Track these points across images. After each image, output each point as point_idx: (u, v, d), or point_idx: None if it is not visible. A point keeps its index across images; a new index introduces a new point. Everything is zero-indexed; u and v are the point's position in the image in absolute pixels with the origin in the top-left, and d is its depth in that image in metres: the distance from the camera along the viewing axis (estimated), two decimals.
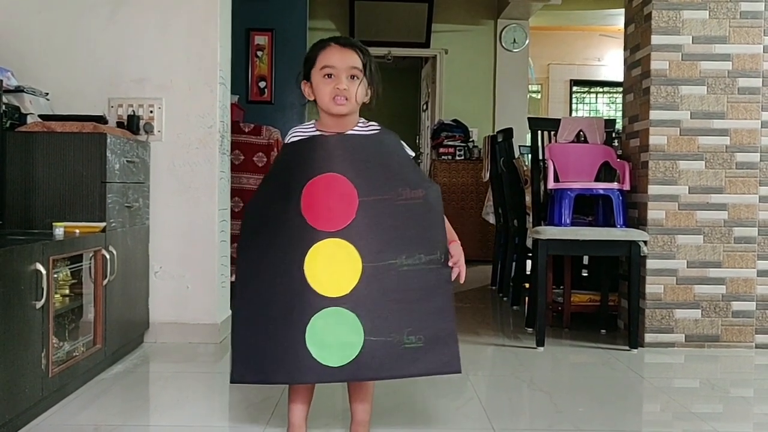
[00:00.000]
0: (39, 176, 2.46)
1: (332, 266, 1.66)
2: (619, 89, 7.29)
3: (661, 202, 3.08)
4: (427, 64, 7.61)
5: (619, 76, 3.71)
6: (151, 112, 2.99)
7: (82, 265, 2.40)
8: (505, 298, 4.30)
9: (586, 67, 9.02)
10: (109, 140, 2.50)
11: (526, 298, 3.90)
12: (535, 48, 7.41)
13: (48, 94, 2.87)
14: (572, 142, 3.40)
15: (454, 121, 6.74)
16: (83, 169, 2.47)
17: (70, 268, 2.31)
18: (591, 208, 3.38)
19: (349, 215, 1.68)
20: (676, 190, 3.07)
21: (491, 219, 4.99)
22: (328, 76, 1.72)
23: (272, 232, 1.71)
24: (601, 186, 3.20)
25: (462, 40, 7.01)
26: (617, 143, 3.82)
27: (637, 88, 3.26)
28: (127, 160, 2.68)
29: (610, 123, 3.57)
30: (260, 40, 5.22)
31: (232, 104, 3.40)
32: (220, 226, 3.07)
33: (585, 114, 9.14)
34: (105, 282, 2.45)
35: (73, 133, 2.49)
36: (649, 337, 3.08)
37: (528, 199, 3.82)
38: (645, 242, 3.04)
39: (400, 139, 1.81)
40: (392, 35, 6.95)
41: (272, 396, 2.23)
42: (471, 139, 6.65)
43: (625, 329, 3.22)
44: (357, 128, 1.79)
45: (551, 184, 3.21)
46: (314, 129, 1.79)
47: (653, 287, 3.08)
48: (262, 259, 1.71)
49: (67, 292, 2.30)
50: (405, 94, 9.09)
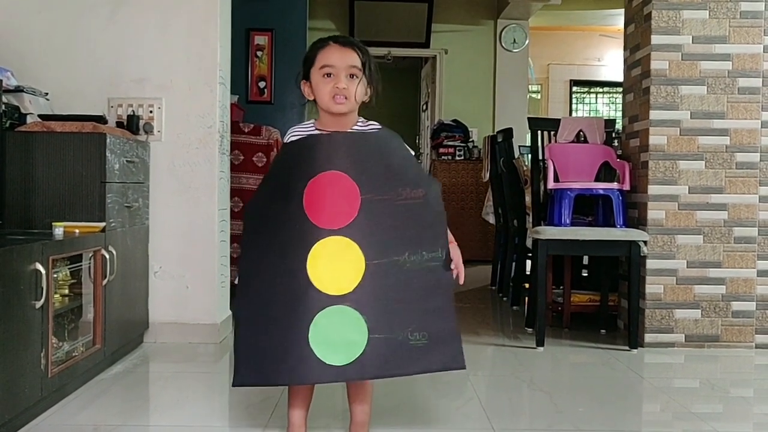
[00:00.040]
0: (39, 176, 2.46)
1: (335, 264, 1.65)
2: (619, 89, 7.30)
3: (661, 202, 3.08)
4: (427, 64, 7.61)
5: (619, 76, 3.71)
6: (151, 112, 2.99)
7: (81, 265, 2.39)
8: (504, 298, 4.30)
9: (586, 67, 9.02)
10: (108, 140, 2.50)
11: (526, 298, 3.90)
12: (535, 48, 7.41)
13: (48, 94, 2.87)
14: (572, 142, 3.40)
15: (454, 121, 6.74)
16: (83, 169, 2.47)
17: (69, 268, 2.31)
18: (591, 208, 3.38)
19: (351, 213, 1.68)
20: (676, 190, 3.07)
21: (491, 219, 4.99)
22: (328, 75, 1.72)
23: (273, 232, 1.70)
24: (601, 186, 3.20)
25: (462, 40, 7.01)
26: (617, 143, 3.82)
27: (637, 88, 3.26)
28: (127, 160, 2.68)
29: (610, 123, 3.56)
30: (260, 40, 5.22)
31: (231, 104, 3.40)
32: (219, 226, 3.07)
33: (585, 114, 9.14)
34: (104, 282, 2.45)
35: (73, 133, 2.49)
36: (648, 337, 3.08)
37: (528, 199, 3.82)
38: (645, 242, 3.04)
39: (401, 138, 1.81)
40: (392, 35, 6.95)
41: (272, 396, 2.23)
42: (471, 139, 6.65)
43: (625, 329, 3.22)
44: (356, 127, 1.79)
45: (551, 184, 3.21)
46: (313, 128, 1.79)
47: (653, 287, 3.08)
48: (262, 259, 1.70)
49: (67, 292, 2.30)
50: (405, 94, 9.09)
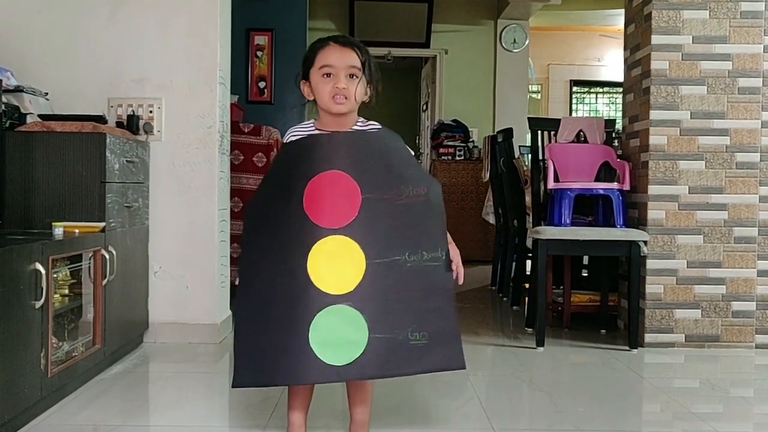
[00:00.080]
0: (38, 176, 2.46)
1: (336, 263, 1.65)
2: (619, 89, 7.30)
3: (661, 202, 3.07)
4: (427, 64, 7.61)
5: (619, 77, 3.71)
6: (151, 112, 2.99)
7: (81, 265, 2.39)
8: (505, 299, 4.30)
9: (586, 68, 9.02)
10: (108, 140, 2.50)
11: (526, 298, 3.90)
12: (535, 48, 7.41)
13: (47, 94, 2.87)
14: (572, 142, 3.40)
15: (454, 121, 6.74)
16: (83, 169, 2.47)
17: (69, 268, 2.31)
18: (591, 208, 3.38)
19: (352, 212, 1.67)
20: (676, 190, 3.07)
21: (491, 219, 4.99)
22: (327, 75, 1.72)
23: (274, 231, 1.70)
24: (601, 186, 3.20)
25: (462, 40, 7.01)
26: (617, 143, 3.82)
27: (637, 88, 3.26)
28: (127, 160, 2.68)
29: (610, 123, 3.56)
30: (260, 40, 5.22)
31: (231, 104, 3.40)
32: (219, 226, 3.07)
33: (585, 114, 9.14)
34: (104, 282, 2.45)
35: (73, 133, 2.49)
36: (649, 337, 3.08)
37: (528, 199, 3.82)
38: (645, 242, 3.04)
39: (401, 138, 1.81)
40: (392, 35, 6.95)
41: (272, 396, 2.23)
42: (471, 139, 6.65)
43: (625, 329, 3.21)
44: (356, 127, 1.79)
45: (551, 184, 3.20)
46: (313, 128, 1.79)
47: (653, 287, 3.08)
48: (263, 259, 1.70)
49: (67, 292, 2.30)
50: (405, 94, 9.09)
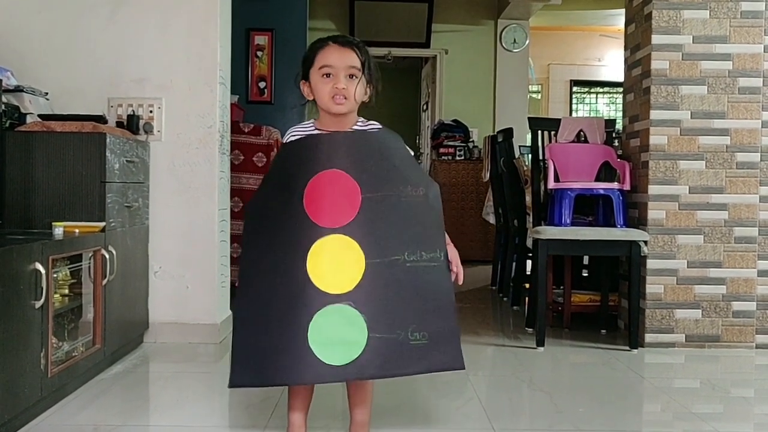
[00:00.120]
0: (38, 176, 2.46)
1: (335, 263, 1.64)
2: (619, 89, 7.29)
3: (661, 202, 3.07)
4: (427, 64, 7.61)
5: (620, 77, 3.71)
6: (151, 111, 2.99)
7: (81, 265, 2.39)
8: (505, 299, 4.30)
9: (586, 68, 9.02)
10: (108, 140, 2.50)
11: (526, 298, 3.90)
12: (535, 48, 7.41)
13: (47, 94, 2.87)
14: (572, 142, 3.40)
15: (454, 121, 6.74)
16: (83, 169, 2.47)
17: (69, 268, 2.31)
18: (591, 208, 3.38)
19: (352, 212, 1.67)
20: (676, 190, 3.07)
21: (491, 219, 4.99)
22: (327, 75, 1.72)
23: (273, 231, 1.70)
24: (602, 186, 3.19)
25: (462, 40, 7.01)
26: (617, 143, 3.82)
27: (637, 88, 3.26)
28: (127, 160, 2.68)
29: (611, 123, 3.56)
30: (260, 40, 5.22)
31: (231, 104, 3.40)
32: (219, 226, 3.07)
33: (585, 114, 9.14)
34: (104, 282, 2.45)
35: (73, 133, 2.49)
36: (649, 337, 3.08)
37: (528, 199, 3.82)
38: (645, 242, 3.04)
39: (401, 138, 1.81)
40: (392, 35, 6.95)
41: (272, 396, 2.22)
42: (471, 139, 6.65)
43: (626, 329, 3.21)
44: (356, 127, 1.79)
45: (551, 184, 3.20)
46: (313, 128, 1.79)
47: (653, 287, 3.07)
48: (262, 259, 1.69)
49: (67, 291, 2.30)
50: (405, 94, 9.09)
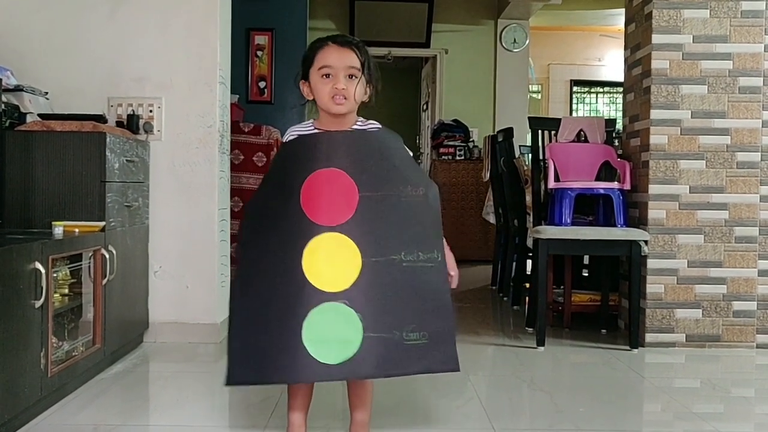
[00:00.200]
0: (38, 175, 2.46)
1: (331, 261, 1.64)
2: (620, 89, 7.28)
3: (661, 201, 3.07)
4: (427, 64, 7.61)
5: (620, 77, 3.71)
6: (151, 111, 2.99)
7: (81, 265, 2.39)
8: (505, 298, 4.30)
9: (586, 67, 9.01)
10: (108, 139, 2.49)
11: (527, 298, 3.90)
12: (535, 48, 7.41)
13: (47, 93, 2.87)
14: (573, 141, 3.39)
15: (455, 121, 6.73)
16: (83, 169, 2.47)
17: (69, 268, 2.30)
18: (591, 208, 3.37)
19: (349, 210, 1.67)
20: (676, 189, 3.07)
21: (491, 219, 4.98)
22: (326, 76, 1.72)
23: (272, 231, 1.69)
24: (602, 185, 3.19)
25: (462, 40, 7.01)
26: (618, 143, 3.82)
27: (637, 88, 3.25)
28: (127, 160, 2.68)
29: (611, 122, 3.56)
30: (260, 39, 5.21)
31: (231, 104, 3.40)
32: (219, 226, 3.07)
33: (585, 114, 9.14)
34: (104, 281, 2.45)
35: (73, 132, 2.48)
36: (649, 337, 3.08)
37: (528, 198, 3.82)
38: (645, 242, 3.03)
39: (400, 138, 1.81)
40: (392, 35, 6.94)
41: (272, 396, 2.22)
42: (471, 139, 6.65)
43: (626, 329, 3.21)
44: (356, 127, 1.79)
45: (552, 184, 3.20)
46: (312, 128, 1.79)
47: (654, 287, 3.07)
48: (261, 259, 1.69)
49: (67, 291, 2.30)
50: (405, 94, 9.08)
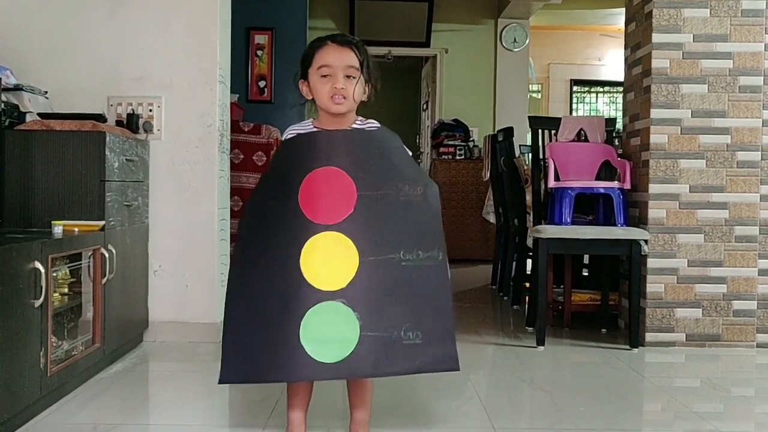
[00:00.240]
0: (38, 175, 2.46)
1: (329, 260, 1.64)
2: (620, 89, 7.29)
3: (661, 200, 3.07)
4: (427, 63, 7.60)
5: (620, 76, 3.70)
6: (151, 110, 2.99)
7: (81, 264, 2.39)
8: (505, 298, 4.30)
9: (586, 67, 9.01)
10: (108, 139, 2.49)
11: (527, 298, 3.89)
12: (535, 48, 7.40)
13: (47, 93, 2.86)
14: (573, 141, 3.39)
15: (455, 120, 6.73)
16: (82, 168, 2.46)
17: (69, 267, 2.30)
18: (591, 207, 3.37)
19: (347, 209, 1.67)
20: (676, 188, 3.07)
21: (491, 218, 4.98)
22: (326, 75, 1.72)
23: (270, 230, 1.69)
24: (602, 185, 3.19)
25: (462, 40, 7.00)
26: (618, 142, 3.81)
27: (637, 87, 3.25)
28: (127, 159, 2.68)
29: (611, 122, 3.56)
30: (260, 39, 5.21)
31: (231, 103, 3.39)
32: (219, 225, 3.07)
33: (585, 113, 9.14)
34: (104, 281, 2.45)
35: (72, 132, 2.48)
36: (649, 337, 3.07)
37: (528, 198, 3.81)
38: (646, 241, 3.03)
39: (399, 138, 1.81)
40: (392, 35, 6.94)
41: (272, 395, 2.22)
42: (471, 139, 6.64)
43: (626, 328, 3.21)
44: (355, 126, 1.79)
45: (552, 183, 3.20)
46: (312, 127, 1.79)
47: (654, 286, 3.07)
48: (259, 258, 1.69)
49: (66, 290, 2.29)
50: (405, 94, 9.08)
